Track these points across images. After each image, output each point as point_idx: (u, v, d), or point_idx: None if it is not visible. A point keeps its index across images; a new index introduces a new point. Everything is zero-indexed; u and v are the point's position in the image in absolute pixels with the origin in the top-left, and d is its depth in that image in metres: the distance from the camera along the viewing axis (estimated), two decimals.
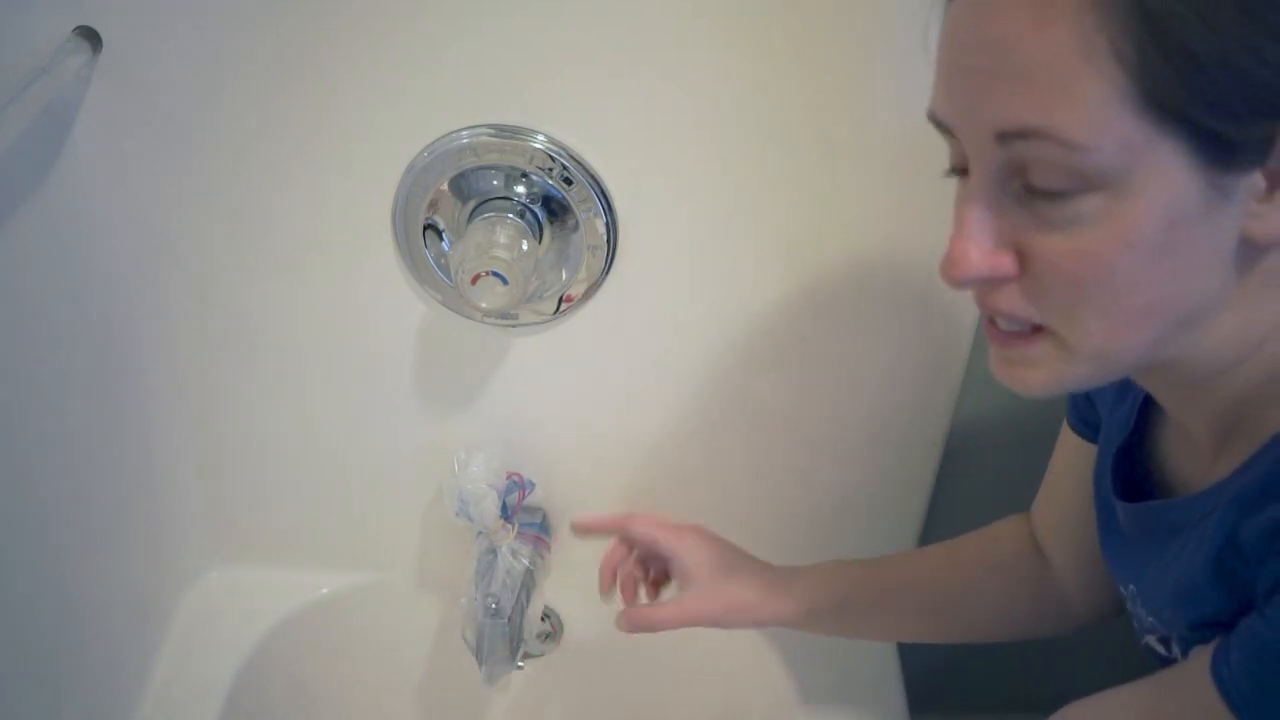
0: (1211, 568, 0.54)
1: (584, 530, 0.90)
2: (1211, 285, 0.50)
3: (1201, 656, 0.54)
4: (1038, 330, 0.52)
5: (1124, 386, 0.67)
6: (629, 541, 0.87)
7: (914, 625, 0.86)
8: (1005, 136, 0.48)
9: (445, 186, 0.83)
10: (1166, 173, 0.46)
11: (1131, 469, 0.67)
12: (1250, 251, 0.49)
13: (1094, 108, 0.46)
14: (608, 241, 0.85)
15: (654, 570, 0.88)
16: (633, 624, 0.83)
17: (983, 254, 0.51)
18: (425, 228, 0.85)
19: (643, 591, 0.88)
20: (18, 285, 0.75)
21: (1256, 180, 0.47)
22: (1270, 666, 0.50)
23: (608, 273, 0.87)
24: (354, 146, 0.82)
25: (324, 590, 1.07)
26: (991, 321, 0.54)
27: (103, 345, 0.87)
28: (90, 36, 0.76)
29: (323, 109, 0.80)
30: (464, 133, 0.80)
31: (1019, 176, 0.49)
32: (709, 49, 0.76)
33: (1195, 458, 0.61)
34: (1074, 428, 0.76)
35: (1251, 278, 0.51)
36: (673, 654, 1.11)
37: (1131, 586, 0.66)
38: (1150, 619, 0.65)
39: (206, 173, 0.83)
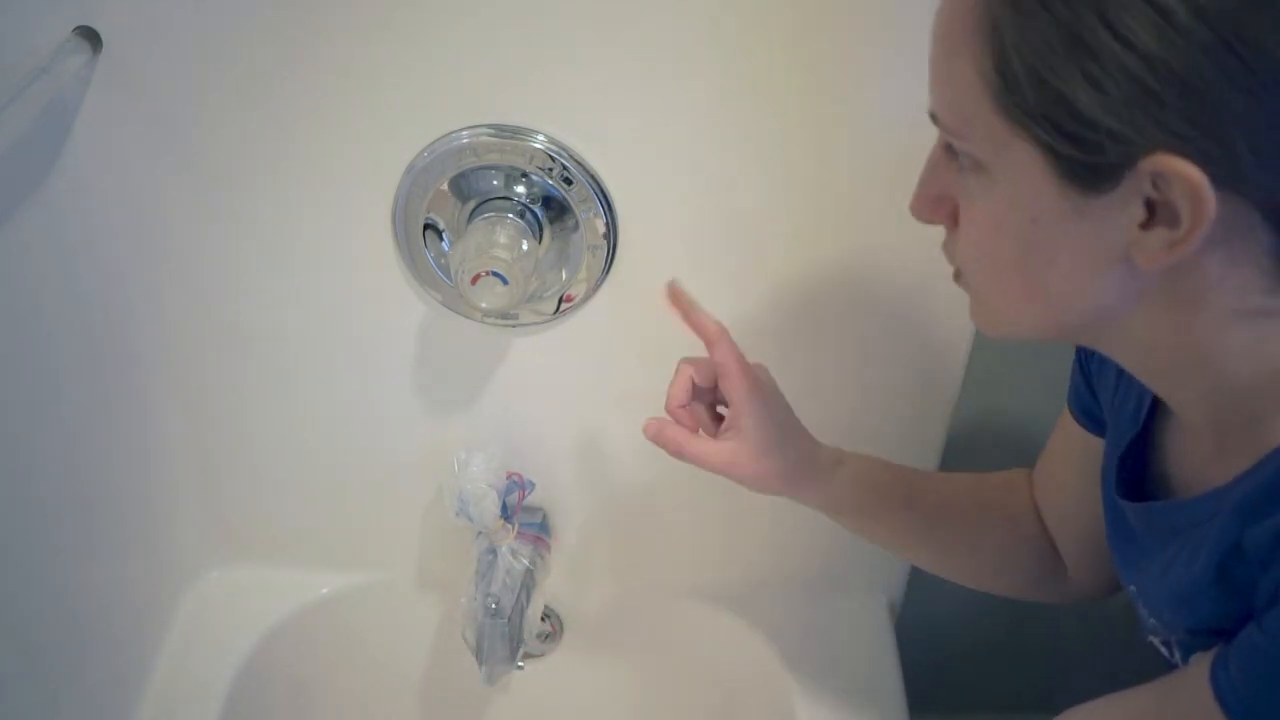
0: (1213, 572, 0.54)
1: (674, 299, 0.78)
2: (1101, 288, 0.52)
3: (1201, 664, 0.54)
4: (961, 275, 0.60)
5: (1129, 383, 0.67)
6: (700, 366, 0.78)
7: (921, 551, 0.86)
8: (930, 116, 0.55)
9: (445, 186, 0.83)
10: (1026, 172, 0.50)
11: (1136, 467, 0.66)
12: (1147, 271, 0.50)
13: (961, 99, 0.51)
14: (608, 241, 0.85)
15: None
16: (660, 436, 0.77)
17: (922, 202, 0.58)
18: (425, 228, 0.85)
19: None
20: (18, 285, 0.75)
21: (1134, 207, 0.48)
22: (1267, 677, 0.50)
23: (608, 273, 0.87)
24: (354, 146, 0.82)
25: (324, 590, 1.07)
26: None
27: (102, 345, 0.87)
28: (90, 36, 0.76)
29: (322, 109, 0.80)
30: (464, 133, 0.80)
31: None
32: (709, 49, 0.76)
33: (1198, 458, 0.61)
34: (1073, 415, 0.76)
35: (1165, 293, 0.51)
36: (673, 654, 1.11)
37: (1133, 586, 0.66)
38: (1152, 620, 0.64)
39: (206, 173, 0.83)
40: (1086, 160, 0.48)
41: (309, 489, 1.03)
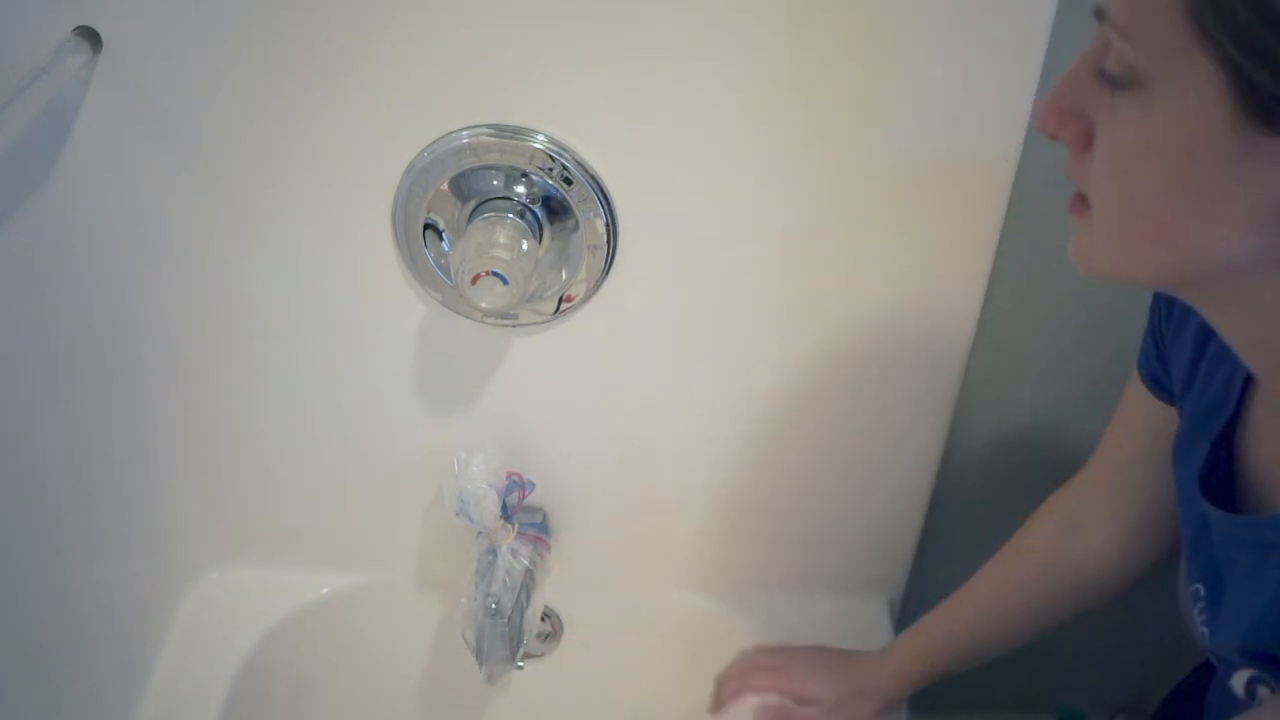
0: None
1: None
2: (1242, 244, 0.47)
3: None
4: (1085, 203, 0.53)
5: (1218, 357, 0.62)
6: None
7: (982, 659, 0.92)
8: (1096, 12, 0.48)
9: (445, 186, 0.83)
10: (1198, 95, 0.44)
11: (1222, 460, 0.61)
12: None
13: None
14: (608, 241, 0.85)
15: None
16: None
17: (1051, 113, 0.52)
18: (425, 228, 0.85)
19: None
20: (18, 285, 0.75)
21: None
22: None
23: (608, 273, 0.87)
24: (354, 146, 0.82)
25: (324, 590, 1.07)
26: None
27: (102, 345, 0.87)
28: (90, 36, 0.76)
29: (322, 109, 0.80)
30: (464, 133, 0.80)
31: (1105, 57, 0.49)
32: (709, 49, 0.76)
33: None
34: (1142, 379, 0.72)
35: None
36: (673, 654, 1.11)
37: (1198, 585, 0.63)
38: (1204, 629, 0.62)
39: (206, 173, 0.83)
40: (1276, 92, 0.42)
41: (309, 489, 1.03)
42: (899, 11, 0.74)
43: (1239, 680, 0.60)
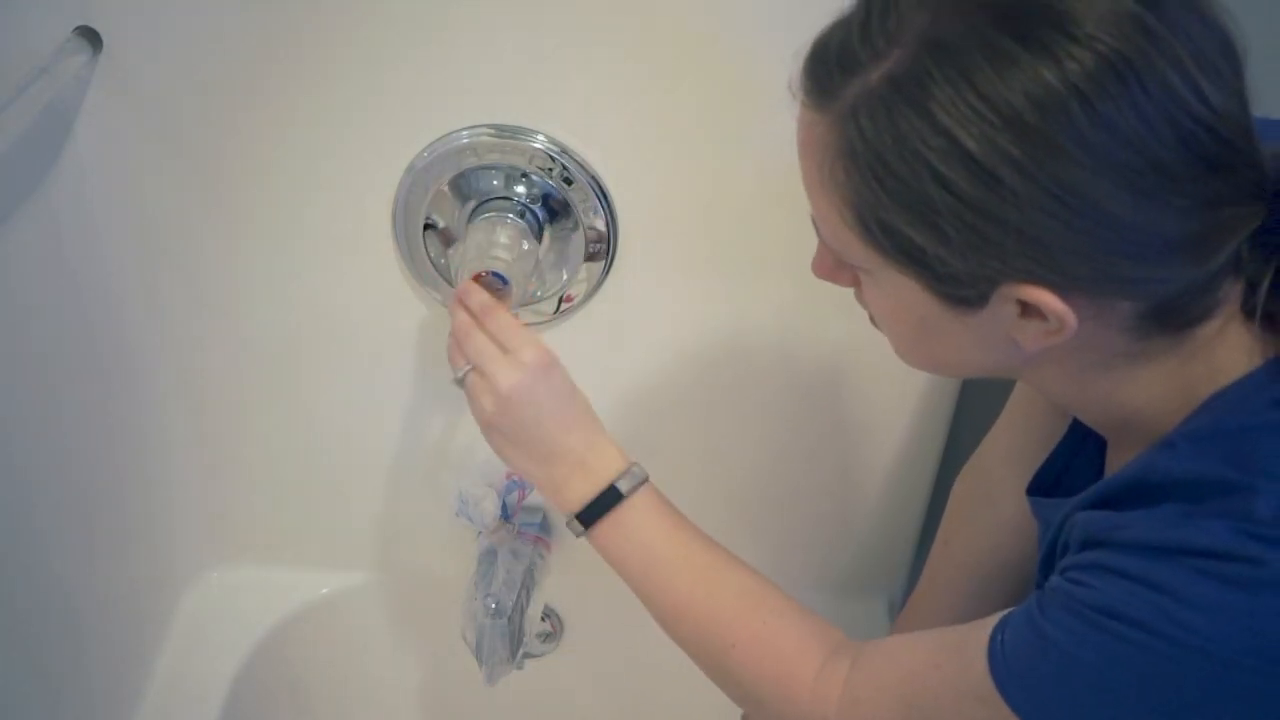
0: (1041, 563, 0.60)
1: None
2: (994, 359, 0.56)
3: (987, 624, 0.55)
4: None
5: None
6: None
7: None
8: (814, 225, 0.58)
9: (445, 186, 0.83)
10: (906, 288, 0.54)
11: (1057, 457, 0.69)
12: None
13: (833, 228, 0.54)
14: (608, 241, 0.85)
15: None
16: None
17: (822, 268, 0.61)
18: (425, 228, 0.85)
19: None
20: (18, 284, 0.75)
21: (1008, 309, 0.51)
22: (1032, 654, 0.52)
23: (608, 273, 0.87)
24: (354, 146, 0.82)
25: (324, 590, 1.08)
26: None
27: (102, 345, 0.87)
28: (90, 36, 0.76)
29: (323, 109, 0.80)
30: (464, 133, 0.80)
31: None
32: (709, 49, 0.76)
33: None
34: None
35: (1047, 353, 0.54)
36: (673, 654, 1.11)
37: None
38: None
39: (206, 173, 0.83)
40: (952, 292, 0.52)
41: (309, 489, 1.03)
42: None
43: None
